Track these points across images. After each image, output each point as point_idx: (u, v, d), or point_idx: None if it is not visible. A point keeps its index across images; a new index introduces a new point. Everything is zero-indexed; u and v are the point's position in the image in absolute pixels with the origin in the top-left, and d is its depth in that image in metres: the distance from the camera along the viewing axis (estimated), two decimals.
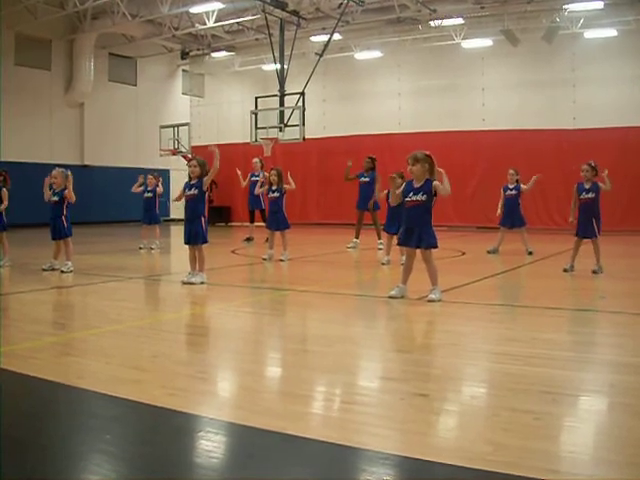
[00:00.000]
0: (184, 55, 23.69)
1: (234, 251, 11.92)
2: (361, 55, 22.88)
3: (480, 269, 8.91)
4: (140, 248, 12.00)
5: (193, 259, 7.34)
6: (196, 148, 18.74)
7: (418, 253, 6.18)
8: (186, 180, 7.70)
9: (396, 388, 3.34)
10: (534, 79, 20.39)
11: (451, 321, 5.33)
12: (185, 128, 19.38)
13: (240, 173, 12.86)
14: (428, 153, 6.11)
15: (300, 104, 17.26)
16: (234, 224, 21.80)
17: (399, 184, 6.65)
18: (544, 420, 2.81)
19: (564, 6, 18.08)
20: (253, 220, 14.15)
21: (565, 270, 8.03)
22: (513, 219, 10.84)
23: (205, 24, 19.41)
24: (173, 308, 6.30)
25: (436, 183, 6.00)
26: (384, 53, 22.59)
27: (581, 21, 18.95)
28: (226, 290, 7.37)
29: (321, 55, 18.57)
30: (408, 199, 6.12)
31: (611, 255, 9.11)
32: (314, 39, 21.05)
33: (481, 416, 2.96)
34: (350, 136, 20.13)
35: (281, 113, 17.54)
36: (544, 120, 18.61)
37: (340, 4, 17.99)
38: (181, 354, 4.29)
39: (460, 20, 19.62)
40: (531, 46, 19.62)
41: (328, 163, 19.87)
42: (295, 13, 18.61)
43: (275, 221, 9.92)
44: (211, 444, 2.62)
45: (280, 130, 17.35)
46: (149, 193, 12.26)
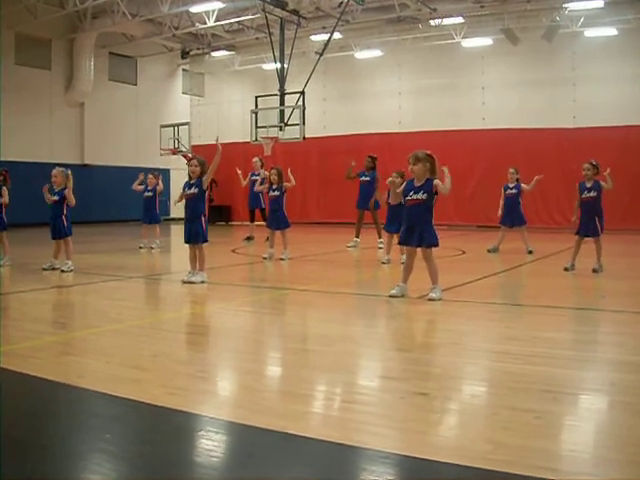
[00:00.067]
0: (184, 54, 23.68)
1: (234, 250, 11.92)
2: (361, 54, 22.88)
3: (480, 268, 8.91)
4: (140, 247, 11.99)
5: (193, 258, 7.34)
6: (196, 147, 18.74)
7: (418, 252, 6.18)
8: (186, 180, 7.69)
9: (396, 387, 3.34)
10: (534, 78, 20.39)
11: (451, 320, 5.33)
12: (185, 127, 19.36)
13: (240, 172, 12.87)
14: (429, 153, 6.10)
15: (300, 103, 17.25)
16: (234, 223, 21.79)
17: (399, 183, 6.65)
18: (544, 419, 2.81)
19: (564, 5, 18.07)
20: (253, 219, 14.14)
21: (566, 269, 8.03)
22: (513, 218, 10.83)
23: (205, 23, 19.40)
24: (173, 307, 6.30)
25: (437, 182, 5.99)
26: (384, 52, 22.59)
27: (581, 20, 18.95)
28: (226, 289, 7.37)
29: (321, 54, 18.57)
30: (409, 198, 6.11)
31: (612, 254, 9.10)
32: (314, 38, 21.07)
33: (481, 415, 2.96)
34: (350, 135, 20.12)
35: (281, 112, 17.53)
36: (544, 119, 18.62)
37: (340, 3, 17.97)
38: (181, 353, 4.29)
39: (460, 19, 19.62)
40: (531, 45, 19.63)
41: (328, 162, 19.86)
42: (295, 12, 18.60)
43: (275, 220, 9.92)
44: (211, 443, 2.62)
45: (280, 129, 17.34)
46: (149, 192, 12.25)
